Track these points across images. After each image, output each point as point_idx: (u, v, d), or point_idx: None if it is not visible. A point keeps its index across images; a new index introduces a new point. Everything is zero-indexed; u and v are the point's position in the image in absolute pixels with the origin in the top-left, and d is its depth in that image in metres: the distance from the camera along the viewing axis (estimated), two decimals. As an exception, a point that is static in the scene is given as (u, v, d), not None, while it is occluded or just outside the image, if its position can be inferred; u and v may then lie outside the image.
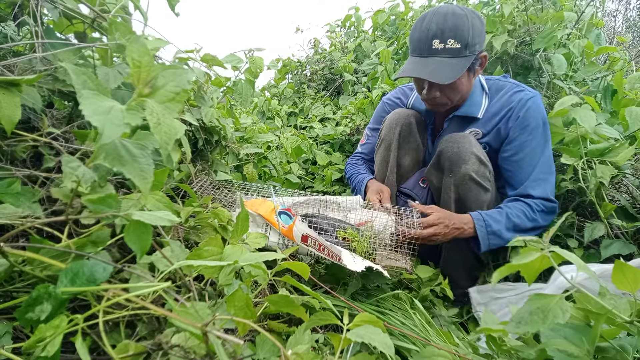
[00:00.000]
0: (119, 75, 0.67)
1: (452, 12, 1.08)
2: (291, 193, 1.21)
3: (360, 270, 0.88)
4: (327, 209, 1.20)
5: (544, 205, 1.12)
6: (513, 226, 1.11)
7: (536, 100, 1.16)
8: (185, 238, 0.78)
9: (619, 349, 0.49)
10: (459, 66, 1.08)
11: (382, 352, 0.48)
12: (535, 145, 1.14)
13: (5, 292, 0.50)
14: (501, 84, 1.24)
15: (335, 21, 3.49)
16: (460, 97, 1.20)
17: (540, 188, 1.13)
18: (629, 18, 4.94)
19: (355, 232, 1.04)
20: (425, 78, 1.10)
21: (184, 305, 0.44)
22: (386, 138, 1.33)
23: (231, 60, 1.13)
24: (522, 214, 1.11)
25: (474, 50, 1.09)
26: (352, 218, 1.15)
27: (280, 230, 0.98)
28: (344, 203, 1.22)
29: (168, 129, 0.42)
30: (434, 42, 1.09)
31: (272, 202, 1.03)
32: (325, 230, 1.04)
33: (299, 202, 1.18)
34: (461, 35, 1.07)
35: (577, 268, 0.46)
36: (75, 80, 0.39)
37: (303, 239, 0.97)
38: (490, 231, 1.10)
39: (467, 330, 1.10)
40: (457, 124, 1.26)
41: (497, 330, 0.56)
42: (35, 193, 0.55)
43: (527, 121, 1.14)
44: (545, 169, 1.14)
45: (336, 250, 0.94)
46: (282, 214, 1.01)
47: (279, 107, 2.89)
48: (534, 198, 1.13)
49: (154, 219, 0.46)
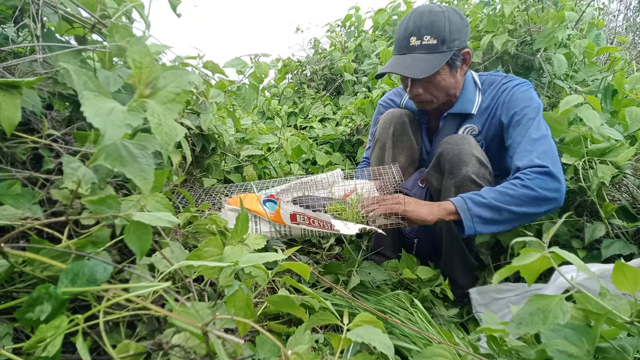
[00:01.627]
0: (119, 78, 0.67)
1: (429, 10, 1.10)
2: (271, 183, 1.21)
3: (354, 232, 0.88)
4: (311, 190, 1.21)
5: (534, 172, 1.01)
6: (500, 194, 1.01)
7: (523, 86, 1.16)
8: (184, 242, 0.78)
9: (619, 349, 0.49)
10: (435, 61, 1.09)
11: (383, 352, 0.48)
12: (524, 123, 1.10)
13: (6, 293, 0.50)
14: (492, 78, 1.25)
15: (335, 21, 3.50)
16: (447, 94, 1.20)
17: (527, 158, 1.04)
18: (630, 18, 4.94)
19: (343, 205, 1.04)
20: (400, 73, 1.12)
21: (184, 305, 0.44)
22: (380, 138, 1.34)
23: (236, 64, 1.14)
24: (509, 185, 1.02)
25: (453, 46, 1.10)
26: (337, 192, 1.15)
27: (269, 217, 0.98)
28: (326, 179, 1.23)
29: (169, 130, 0.42)
30: (411, 39, 1.11)
31: (254, 193, 1.04)
32: (314, 209, 1.04)
33: (282, 190, 1.18)
34: (437, 31, 1.08)
35: (577, 268, 0.46)
36: (77, 81, 0.40)
37: (292, 218, 0.97)
38: (471, 204, 1.01)
39: (467, 330, 1.10)
40: (453, 122, 1.27)
41: (498, 331, 0.56)
42: (35, 194, 0.55)
43: (514, 104, 1.14)
44: (532, 141, 1.06)
45: (325, 218, 0.94)
46: (267, 201, 1.01)
47: (279, 107, 2.90)
48: (520, 170, 1.04)
49: (154, 219, 0.46)
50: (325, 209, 1.04)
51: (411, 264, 1.16)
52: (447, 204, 1.05)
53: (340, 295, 0.95)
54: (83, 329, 0.41)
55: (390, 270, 1.18)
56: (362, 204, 1.05)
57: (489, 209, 1.01)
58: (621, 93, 1.37)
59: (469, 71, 1.25)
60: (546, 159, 1.02)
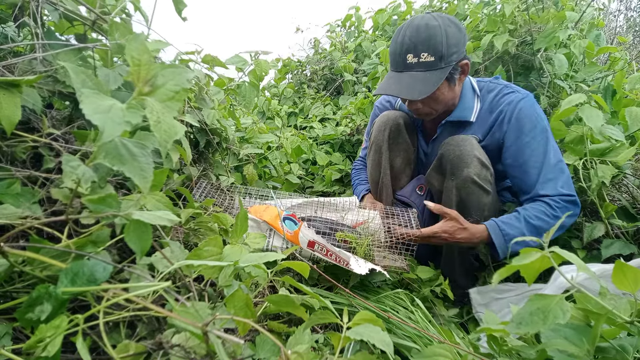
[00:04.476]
0: (119, 76, 0.67)
1: (426, 24, 1.06)
2: (290, 195, 1.22)
3: (364, 272, 0.90)
4: (324, 211, 1.21)
5: (563, 200, 1.07)
6: (534, 229, 1.07)
7: (528, 101, 1.14)
8: (184, 240, 0.78)
9: (619, 349, 0.49)
10: (433, 79, 1.07)
11: (383, 351, 0.48)
12: (536, 146, 1.10)
13: (5, 293, 0.50)
14: (492, 85, 1.22)
15: (335, 21, 3.50)
16: (445, 106, 1.18)
17: (552, 186, 1.08)
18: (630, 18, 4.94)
19: (352, 233, 1.05)
20: (398, 96, 1.10)
21: (184, 305, 0.44)
22: (376, 141, 1.34)
23: (236, 61, 1.13)
24: (542, 214, 1.07)
25: (451, 61, 1.08)
26: (349, 219, 1.15)
27: (285, 236, 0.98)
28: (341, 204, 1.23)
29: (168, 128, 0.42)
30: (408, 56, 1.08)
31: (276, 207, 1.03)
32: (323, 232, 1.05)
33: (296, 205, 1.18)
34: (434, 48, 1.05)
35: (577, 268, 0.46)
36: (75, 79, 0.39)
37: (309, 245, 0.97)
38: (509, 239, 1.06)
39: (467, 330, 1.10)
40: (451, 130, 1.25)
41: (498, 330, 0.56)
42: (35, 194, 0.55)
43: (522, 123, 1.12)
44: (552, 168, 1.09)
45: (344, 256, 0.95)
46: (287, 219, 1.01)
47: (279, 107, 2.89)
48: (549, 196, 1.09)
49: (153, 218, 0.46)
50: (335, 236, 1.04)
51: (411, 264, 1.16)
52: (484, 234, 1.09)
53: (341, 293, 0.95)
54: (83, 329, 0.41)
55: (390, 271, 1.17)
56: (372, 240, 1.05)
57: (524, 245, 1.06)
58: (621, 93, 1.37)
59: (467, 77, 1.22)
60: (569, 187, 1.10)
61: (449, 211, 1.10)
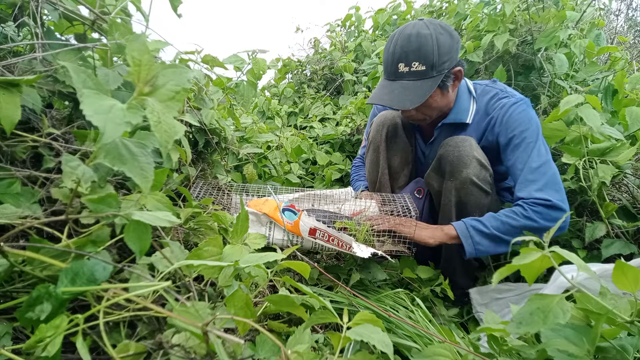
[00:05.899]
0: (119, 76, 0.67)
1: (417, 33, 1.06)
2: (289, 190, 1.22)
3: (367, 256, 0.91)
4: (321, 203, 1.21)
5: (536, 204, 1.04)
6: (502, 223, 1.05)
7: (520, 105, 1.13)
8: (184, 240, 0.78)
9: (619, 349, 0.49)
10: (424, 88, 1.07)
11: (383, 351, 0.47)
12: (523, 149, 1.09)
13: (5, 293, 0.50)
14: (488, 88, 1.22)
15: (335, 21, 3.50)
16: (439, 111, 1.19)
17: (527, 190, 1.06)
18: (631, 18, 4.94)
19: (351, 223, 1.06)
20: (390, 106, 1.11)
21: (184, 305, 0.44)
22: (374, 141, 1.34)
23: (234, 61, 1.13)
24: (511, 213, 1.06)
25: (442, 69, 1.08)
26: (346, 210, 1.16)
27: (285, 226, 0.98)
28: (337, 195, 1.24)
29: (168, 128, 0.42)
30: (399, 65, 1.08)
31: (275, 200, 1.04)
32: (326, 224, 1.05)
33: (293, 199, 1.19)
34: (425, 57, 1.05)
35: (578, 268, 0.46)
36: (76, 79, 0.39)
37: (311, 232, 0.98)
38: (470, 225, 1.06)
39: (467, 330, 1.10)
40: (447, 132, 1.25)
41: (498, 330, 0.56)
42: (35, 193, 0.55)
43: (511, 126, 1.12)
44: (533, 171, 1.07)
45: (347, 239, 0.96)
46: (286, 210, 1.01)
47: (279, 107, 2.89)
48: (523, 199, 1.07)
49: (153, 219, 0.46)
50: (334, 225, 1.05)
51: (411, 264, 1.16)
52: (450, 229, 1.09)
53: (341, 292, 0.96)
54: (83, 329, 0.41)
55: (391, 270, 1.18)
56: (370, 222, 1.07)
57: (490, 239, 1.06)
58: (621, 93, 1.37)
59: (464, 79, 1.22)
60: (548, 191, 1.05)
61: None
